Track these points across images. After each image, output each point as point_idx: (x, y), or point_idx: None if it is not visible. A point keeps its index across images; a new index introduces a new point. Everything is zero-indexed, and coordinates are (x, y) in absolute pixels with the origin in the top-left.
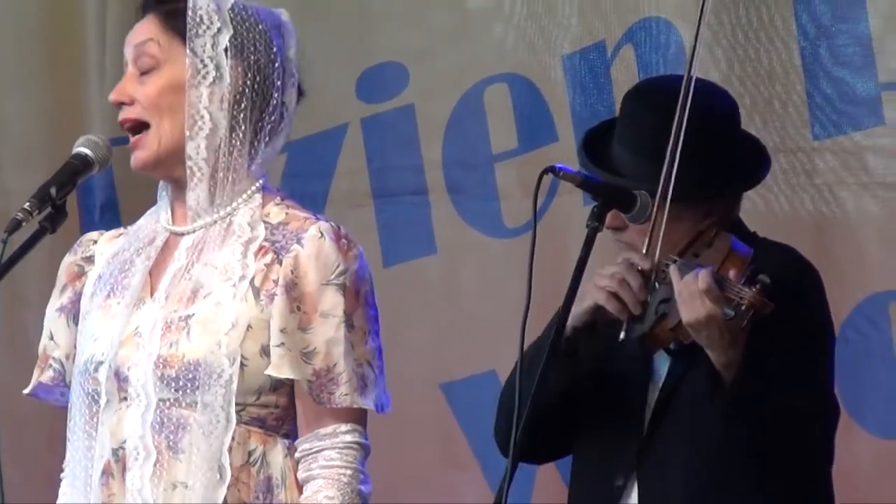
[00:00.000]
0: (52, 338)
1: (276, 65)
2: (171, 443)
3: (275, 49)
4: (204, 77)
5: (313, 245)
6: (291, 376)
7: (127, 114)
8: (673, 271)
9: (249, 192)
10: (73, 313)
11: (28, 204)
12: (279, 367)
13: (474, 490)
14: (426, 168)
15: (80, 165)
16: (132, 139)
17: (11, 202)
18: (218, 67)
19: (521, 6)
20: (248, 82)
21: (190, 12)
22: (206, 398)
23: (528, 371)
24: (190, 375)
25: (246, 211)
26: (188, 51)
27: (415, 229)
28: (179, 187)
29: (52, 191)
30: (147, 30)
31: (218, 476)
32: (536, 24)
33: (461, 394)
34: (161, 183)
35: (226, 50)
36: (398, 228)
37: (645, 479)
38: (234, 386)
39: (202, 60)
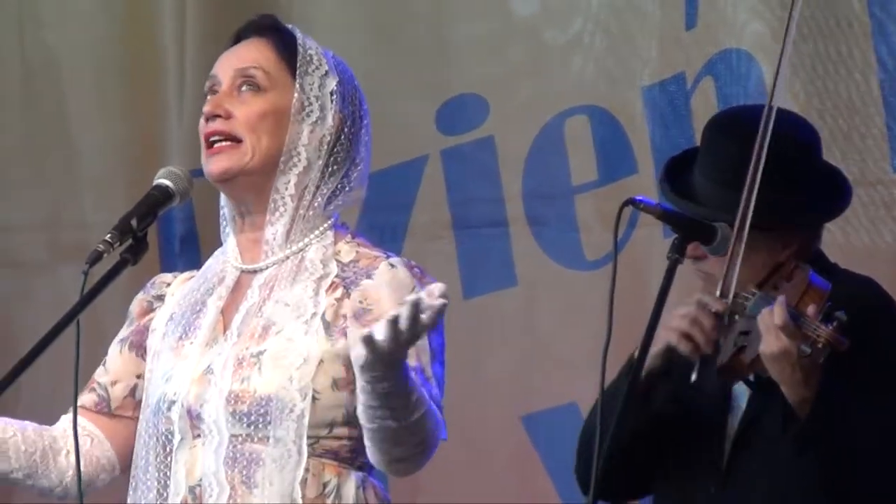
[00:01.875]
0: (104, 364)
1: (364, 122)
2: (244, 477)
3: (364, 107)
4: (308, 115)
5: (384, 276)
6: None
7: (221, 126)
8: (751, 305)
9: (322, 228)
10: (128, 342)
11: (109, 235)
12: None
13: None
14: (506, 200)
15: (161, 197)
16: (218, 145)
17: (91, 234)
18: (322, 108)
19: (601, 38)
20: (346, 130)
21: (301, 49)
22: (278, 433)
23: (606, 412)
24: (262, 410)
25: (318, 248)
26: (297, 85)
27: (495, 261)
28: (241, 215)
29: (133, 222)
30: (255, 54)
31: None
32: (616, 55)
33: (541, 426)
34: (224, 218)
35: (331, 94)
36: (478, 260)
37: None
38: (306, 420)
39: (308, 98)
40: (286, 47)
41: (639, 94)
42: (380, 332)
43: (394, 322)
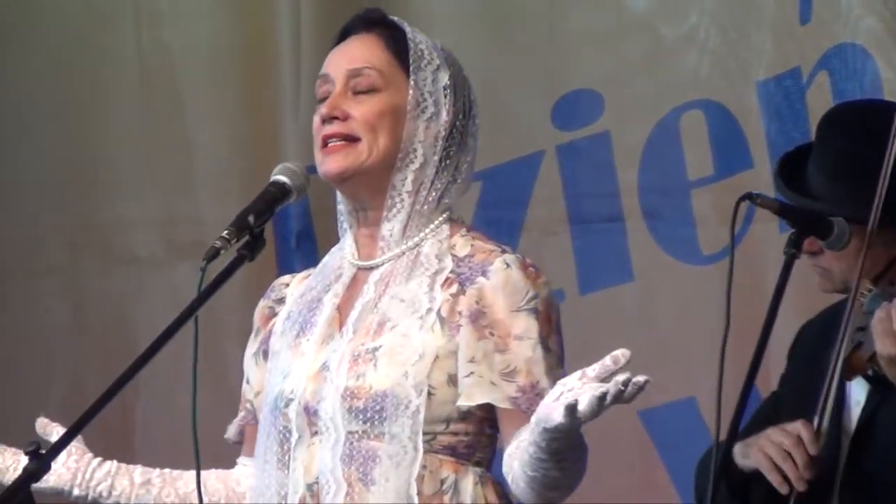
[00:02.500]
0: (248, 381)
1: (473, 111)
2: (361, 475)
3: (472, 97)
4: (423, 111)
5: (499, 276)
6: (484, 401)
7: (339, 128)
8: (867, 301)
9: (437, 222)
10: (261, 352)
11: (226, 232)
12: (470, 396)
13: None
14: (622, 195)
15: (278, 193)
16: (333, 144)
17: (207, 231)
18: (436, 104)
19: (716, 33)
20: (458, 123)
21: (411, 44)
22: (394, 429)
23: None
24: (377, 407)
25: (434, 242)
26: (411, 82)
27: (611, 256)
28: (357, 211)
29: (251, 219)
30: (367, 53)
31: None
32: (730, 50)
33: (659, 421)
34: (342, 214)
35: (444, 88)
36: (594, 255)
37: None
38: (422, 416)
39: (423, 94)
40: (396, 43)
41: (753, 88)
42: (584, 405)
43: (601, 398)
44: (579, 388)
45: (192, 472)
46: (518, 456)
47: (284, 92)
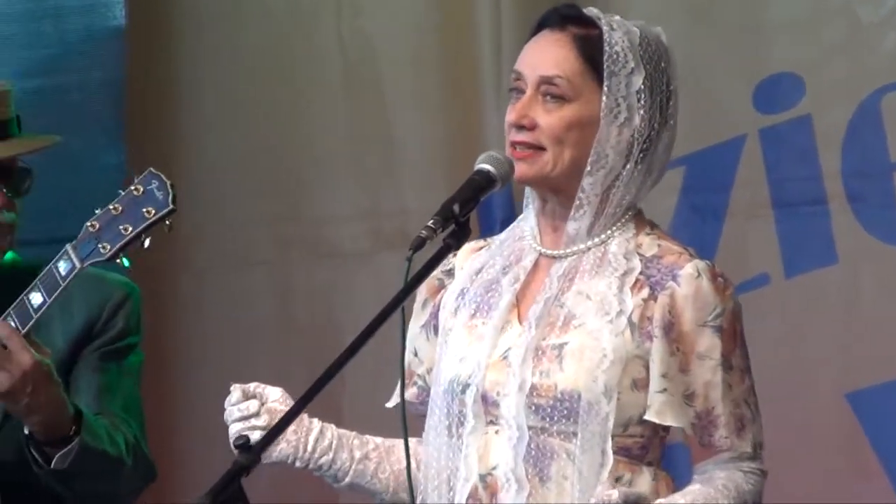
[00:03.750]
0: (416, 354)
1: (672, 102)
2: (537, 471)
3: (672, 87)
4: (615, 117)
5: (690, 285)
6: (675, 424)
7: (525, 137)
8: None
9: (624, 220)
10: (432, 325)
11: (432, 221)
12: (662, 414)
13: (882, 500)
14: (825, 178)
15: (483, 182)
16: (520, 151)
17: (411, 221)
18: (629, 109)
19: None
20: (655, 125)
21: (607, 47)
22: (583, 432)
23: None
24: (562, 406)
25: (621, 241)
26: (605, 88)
27: (815, 239)
28: (544, 201)
29: (456, 208)
30: (559, 59)
31: None
32: None
33: (867, 403)
34: (529, 193)
35: (638, 92)
36: (798, 239)
37: None
38: (611, 423)
39: (616, 100)
40: (590, 46)
41: None
42: None
43: None
44: None
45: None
46: None
47: (485, 79)
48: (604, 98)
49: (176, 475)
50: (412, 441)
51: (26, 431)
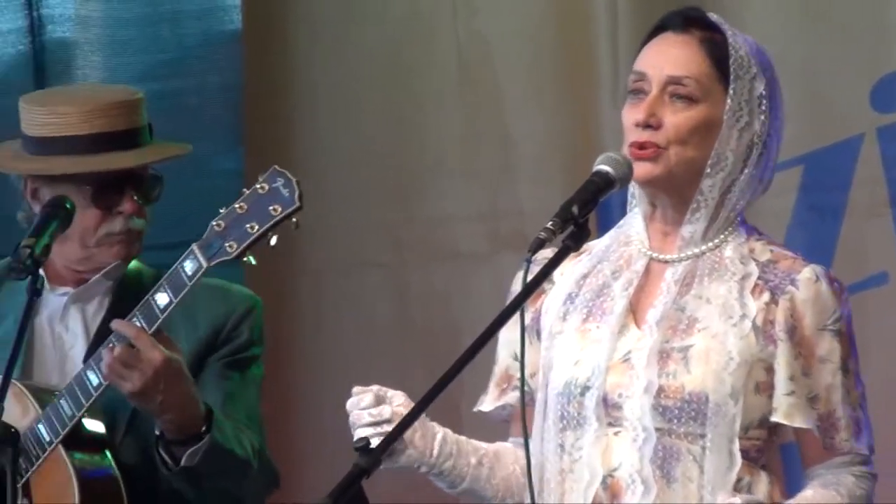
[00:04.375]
0: (516, 358)
1: (779, 113)
2: (663, 472)
3: (777, 100)
4: (738, 120)
5: (809, 289)
6: (804, 426)
7: (651, 137)
8: None
9: (735, 224)
10: (534, 330)
11: (551, 223)
12: (790, 416)
13: None
14: None
15: (602, 183)
16: (642, 150)
17: (528, 223)
18: (750, 113)
19: None
20: (772, 132)
21: (732, 51)
22: (709, 434)
23: None
24: (689, 408)
25: (735, 246)
26: (730, 91)
27: None
28: (654, 205)
29: (575, 209)
30: (687, 60)
31: None
32: None
33: None
34: (633, 196)
35: (759, 97)
36: None
37: None
38: (738, 425)
39: (740, 103)
40: (716, 49)
41: None
42: None
43: None
44: None
45: (508, 451)
46: None
47: (602, 78)
48: (728, 101)
49: (294, 477)
50: (510, 444)
51: (157, 431)
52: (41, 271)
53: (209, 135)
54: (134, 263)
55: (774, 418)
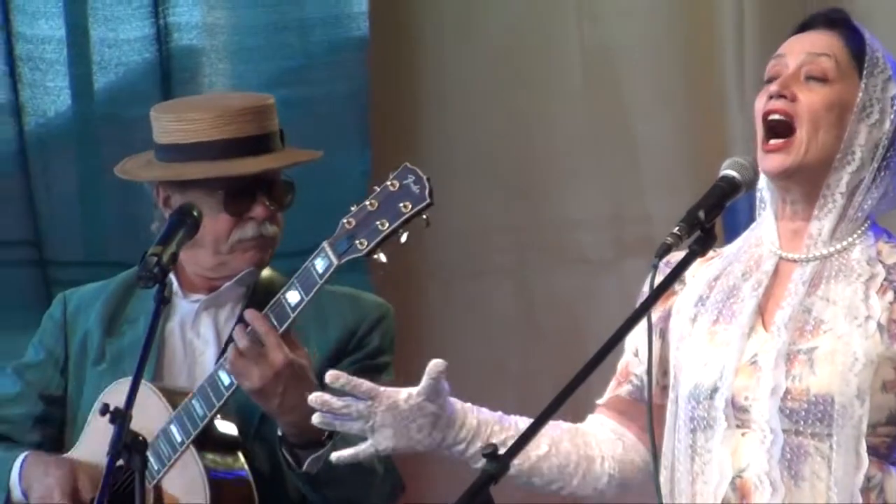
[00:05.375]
0: (636, 354)
1: None
2: (793, 473)
3: None
4: (868, 115)
5: None
6: None
7: (782, 105)
8: None
9: (863, 228)
10: (660, 329)
11: (678, 228)
12: None
13: None
14: None
15: (728, 188)
16: (774, 142)
17: (654, 227)
18: (882, 112)
19: None
20: None
21: (869, 49)
22: (838, 436)
23: None
24: (815, 409)
25: (863, 248)
26: (862, 84)
27: None
28: (784, 201)
29: (701, 214)
30: (827, 43)
31: None
32: None
33: None
34: (762, 200)
35: (892, 98)
36: None
37: None
38: (864, 426)
39: (871, 99)
40: (856, 44)
41: None
42: None
43: None
44: None
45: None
46: None
47: (728, 83)
48: (860, 94)
49: (422, 483)
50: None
51: (279, 433)
52: (172, 278)
53: (337, 141)
54: (267, 271)
55: None
